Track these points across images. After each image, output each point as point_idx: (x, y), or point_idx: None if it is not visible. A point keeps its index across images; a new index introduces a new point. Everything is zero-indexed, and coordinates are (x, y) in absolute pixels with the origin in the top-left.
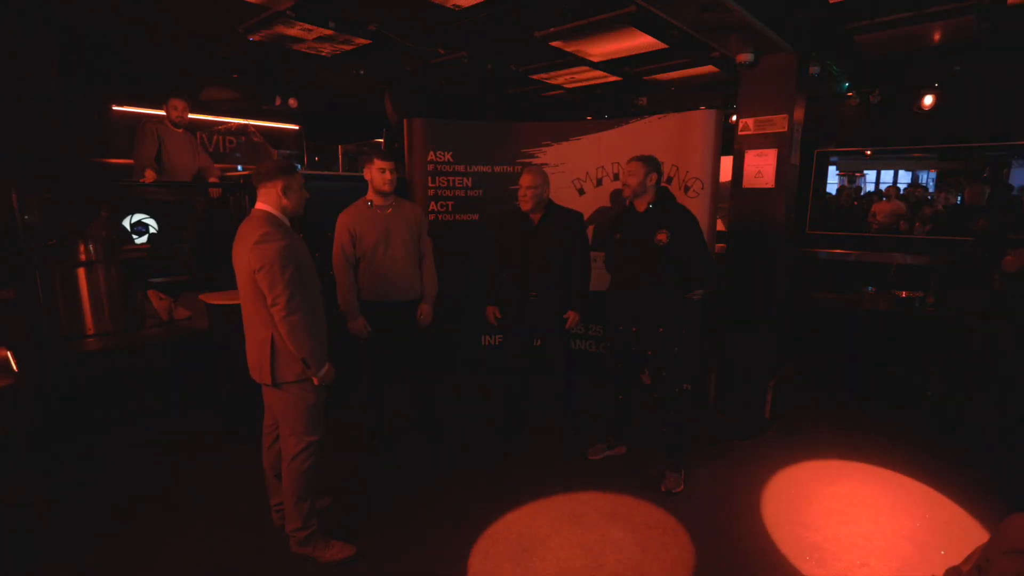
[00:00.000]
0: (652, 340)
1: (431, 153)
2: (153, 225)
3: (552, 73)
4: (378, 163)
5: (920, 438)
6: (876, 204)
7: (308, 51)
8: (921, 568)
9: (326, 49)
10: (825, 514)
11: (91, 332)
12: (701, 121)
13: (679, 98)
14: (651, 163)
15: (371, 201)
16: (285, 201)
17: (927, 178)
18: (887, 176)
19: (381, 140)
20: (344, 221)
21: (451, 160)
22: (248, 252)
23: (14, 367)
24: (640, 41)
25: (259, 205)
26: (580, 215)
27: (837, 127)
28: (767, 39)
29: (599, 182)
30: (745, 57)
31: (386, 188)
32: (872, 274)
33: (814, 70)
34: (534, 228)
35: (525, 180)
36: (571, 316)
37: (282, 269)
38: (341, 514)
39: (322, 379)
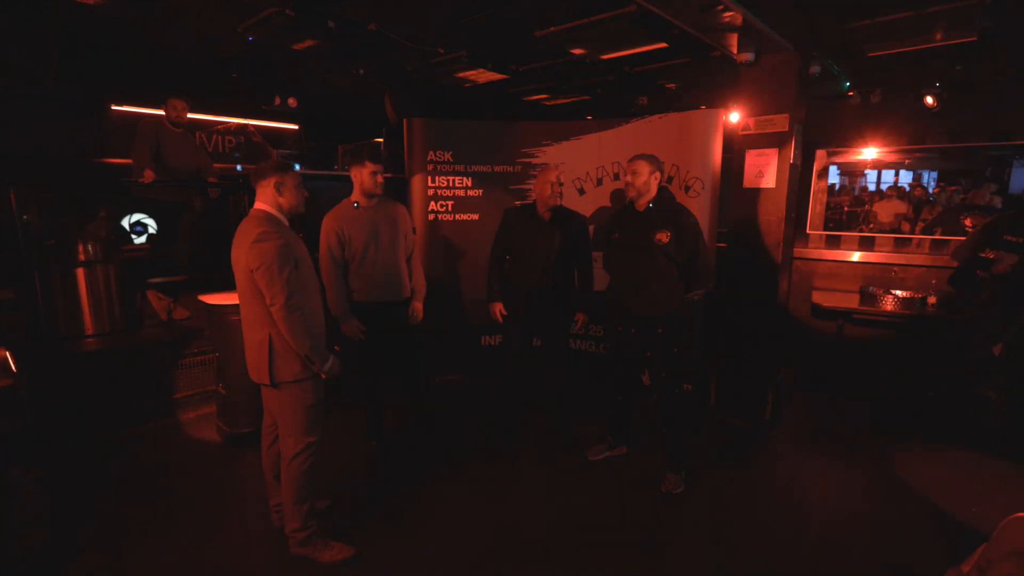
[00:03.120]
0: (651, 341)
1: (431, 153)
2: (152, 225)
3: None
4: (370, 166)
5: (921, 438)
6: (877, 204)
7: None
8: (922, 569)
9: None
10: (825, 515)
11: (90, 332)
12: (701, 121)
13: (679, 98)
14: (654, 162)
15: (357, 202)
16: (281, 199)
17: (928, 178)
18: (888, 176)
19: (380, 140)
20: (330, 224)
21: (451, 160)
22: (246, 251)
23: (14, 367)
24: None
25: (257, 204)
26: (584, 217)
27: (837, 127)
28: (768, 39)
29: (599, 182)
30: (746, 57)
31: (377, 191)
32: (872, 274)
33: (815, 70)
34: (546, 224)
35: (552, 176)
36: (580, 318)
37: (280, 268)
38: (341, 514)
39: (328, 373)
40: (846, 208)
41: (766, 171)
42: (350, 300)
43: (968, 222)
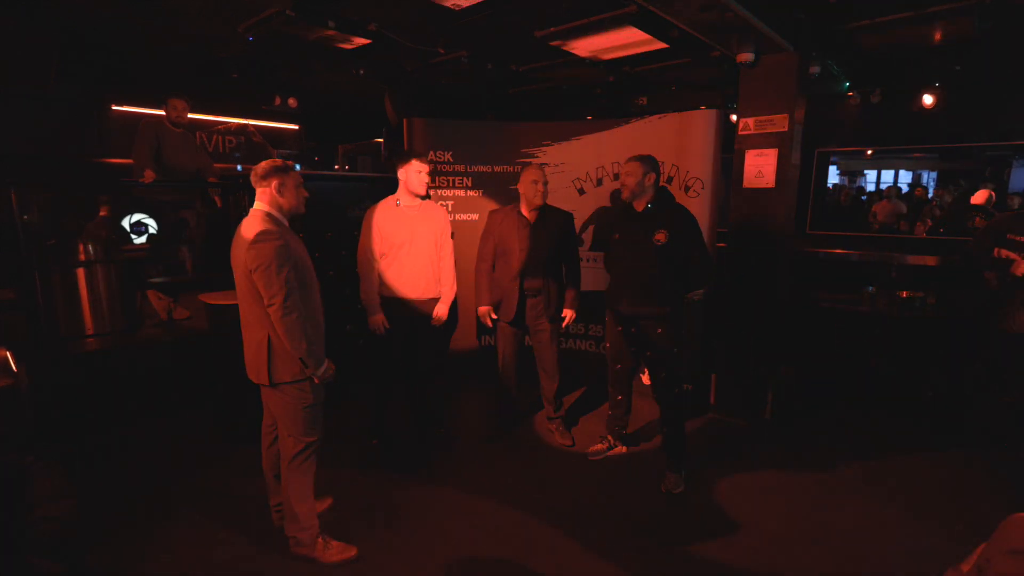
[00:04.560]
0: (651, 341)
1: (431, 153)
2: (152, 225)
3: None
4: (416, 164)
5: (920, 438)
6: (876, 204)
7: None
8: (922, 569)
9: None
10: (825, 515)
11: (90, 332)
12: (701, 121)
13: (679, 98)
14: (649, 163)
15: (400, 200)
16: (281, 199)
17: (928, 178)
18: (887, 176)
19: (380, 140)
20: (371, 217)
21: (451, 160)
22: (245, 251)
23: (14, 367)
24: (640, 40)
25: (257, 204)
26: (570, 215)
27: (837, 127)
28: (767, 39)
29: (599, 182)
30: (745, 57)
31: (420, 191)
32: (872, 274)
33: (814, 70)
34: (532, 225)
35: (534, 175)
36: (568, 315)
37: (278, 268)
38: (341, 514)
39: (322, 377)
40: (845, 207)
41: (766, 171)
42: (380, 294)
43: (977, 221)
